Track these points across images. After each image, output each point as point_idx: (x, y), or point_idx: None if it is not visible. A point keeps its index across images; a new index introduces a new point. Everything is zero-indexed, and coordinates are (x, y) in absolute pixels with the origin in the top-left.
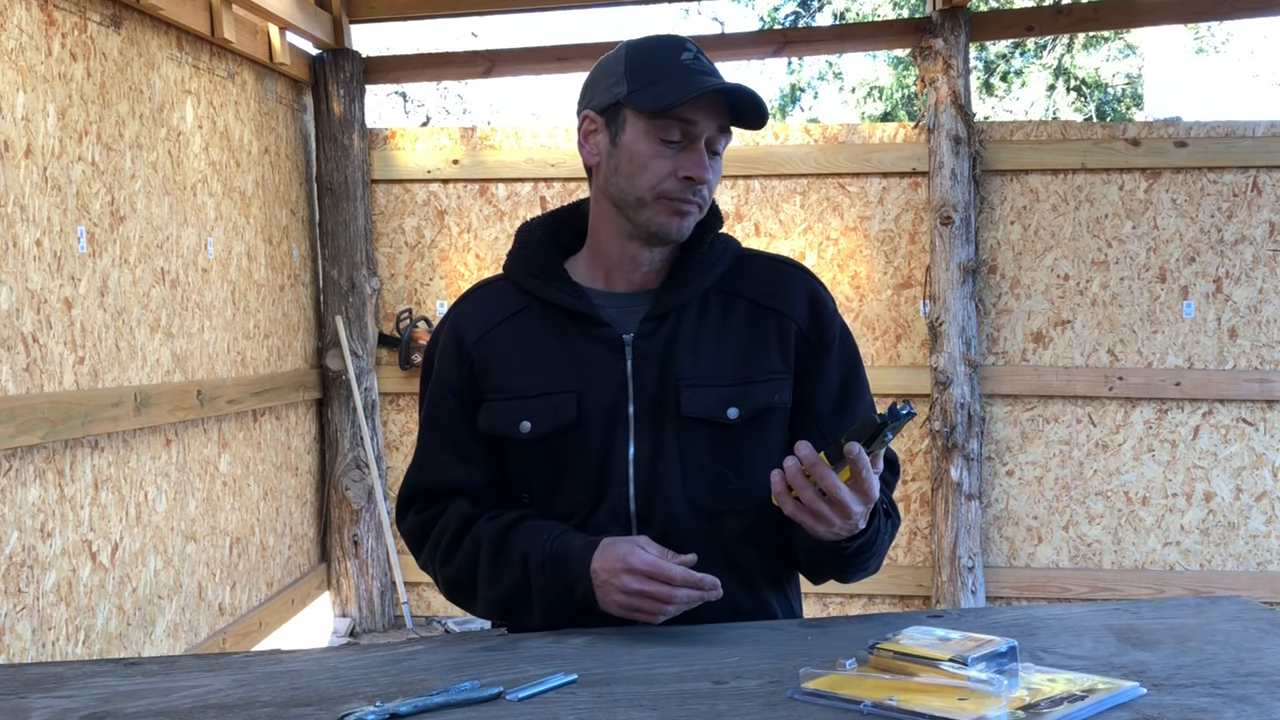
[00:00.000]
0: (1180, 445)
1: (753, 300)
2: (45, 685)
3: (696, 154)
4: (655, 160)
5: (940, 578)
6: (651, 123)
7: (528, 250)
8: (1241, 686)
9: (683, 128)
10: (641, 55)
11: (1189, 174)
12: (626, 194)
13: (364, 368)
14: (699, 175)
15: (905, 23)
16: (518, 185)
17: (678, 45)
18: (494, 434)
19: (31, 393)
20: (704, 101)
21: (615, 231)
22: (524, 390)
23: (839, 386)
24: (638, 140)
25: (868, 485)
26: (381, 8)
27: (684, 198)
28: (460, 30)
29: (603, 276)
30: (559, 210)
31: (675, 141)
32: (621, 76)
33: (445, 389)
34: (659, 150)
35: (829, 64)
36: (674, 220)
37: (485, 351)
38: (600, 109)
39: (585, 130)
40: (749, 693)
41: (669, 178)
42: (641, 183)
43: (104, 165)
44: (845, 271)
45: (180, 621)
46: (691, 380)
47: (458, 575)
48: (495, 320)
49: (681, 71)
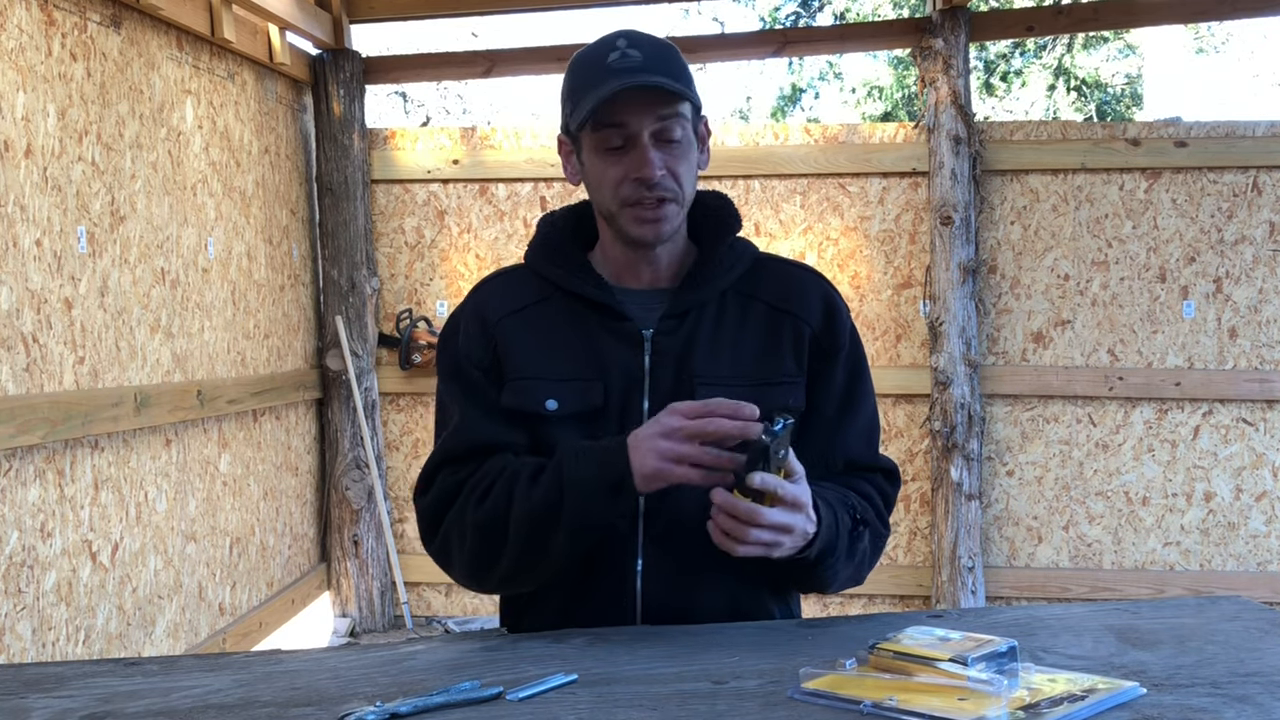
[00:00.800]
0: (1180, 445)
1: (769, 303)
2: (45, 685)
3: (638, 153)
4: (607, 171)
5: (940, 578)
6: (593, 136)
7: (551, 242)
8: (1241, 686)
9: (618, 132)
10: (575, 70)
11: (1189, 174)
12: (601, 208)
13: (364, 368)
14: (644, 174)
15: (905, 23)
16: (518, 185)
17: (606, 47)
18: (519, 410)
19: (31, 393)
20: (627, 98)
21: (612, 239)
22: (549, 373)
23: (843, 391)
24: (591, 156)
25: (791, 496)
26: (381, 8)
27: (641, 199)
28: (460, 30)
29: (616, 274)
30: (581, 204)
31: (619, 147)
32: (566, 96)
33: (472, 365)
34: (607, 160)
35: (829, 64)
36: (643, 227)
37: (508, 333)
38: (565, 131)
39: (564, 154)
40: (749, 693)
41: (624, 183)
42: (604, 196)
43: (104, 165)
44: (845, 271)
45: (180, 621)
46: (708, 379)
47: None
48: (518, 305)
49: (605, 77)
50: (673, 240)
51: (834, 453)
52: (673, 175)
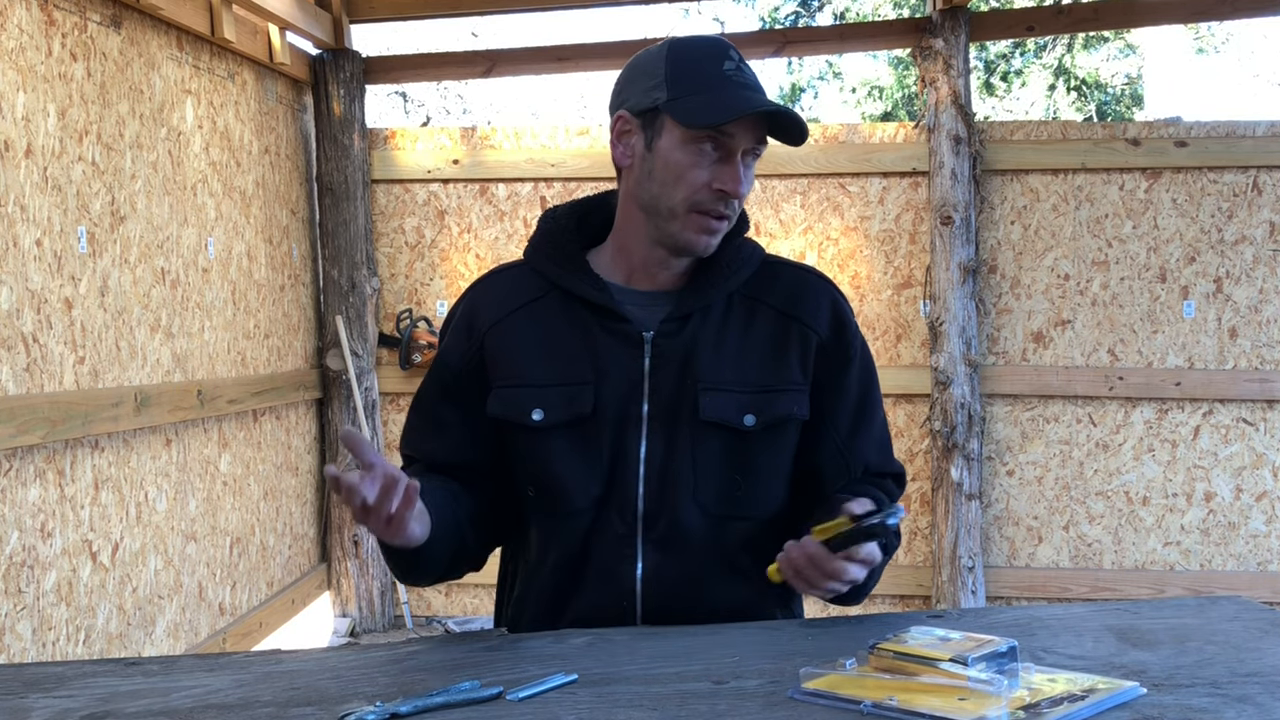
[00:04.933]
0: (1180, 445)
1: (776, 308)
2: (45, 685)
3: (733, 167)
4: (691, 171)
5: (940, 578)
6: (689, 133)
7: (551, 238)
8: (1241, 686)
9: (721, 140)
10: (684, 60)
11: (1189, 174)
12: (659, 201)
13: (364, 368)
14: (734, 189)
15: (905, 23)
16: (518, 185)
17: (721, 53)
18: (505, 420)
19: (32, 393)
20: (754, 118)
21: (642, 236)
22: (538, 379)
23: (856, 401)
24: (674, 149)
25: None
26: (381, 8)
27: (715, 211)
28: (460, 30)
29: (624, 274)
30: (585, 200)
31: (710, 152)
32: (662, 81)
33: (443, 368)
34: (695, 160)
35: (829, 64)
36: (703, 237)
37: (499, 338)
38: (636, 111)
39: (619, 130)
40: (749, 693)
41: (703, 189)
42: (676, 193)
43: (104, 165)
44: (845, 271)
45: (180, 621)
46: (711, 384)
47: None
48: (512, 306)
49: (724, 84)
50: None
51: (854, 462)
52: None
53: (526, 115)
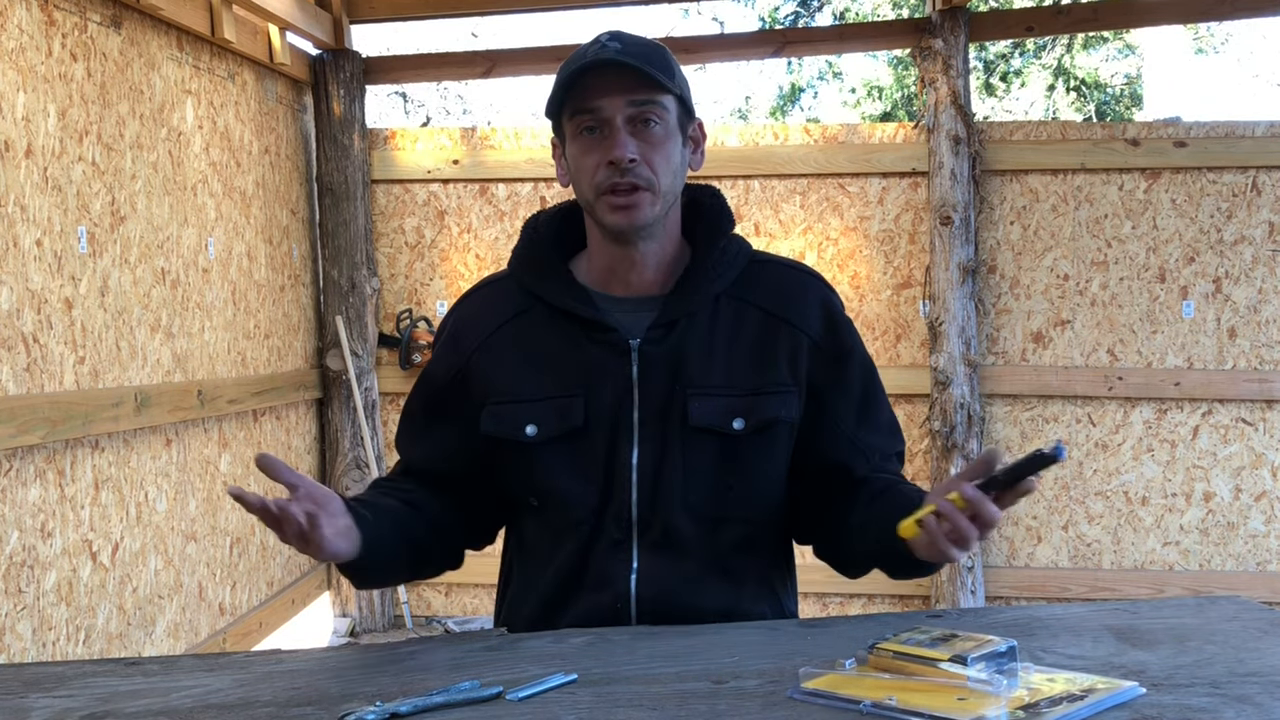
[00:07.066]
0: (1180, 445)
1: (764, 309)
2: (45, 685)
3: (611, 137)
4: (584, 158)
5: (940, 578)
6: (570, 123)
7: (532, 250)
8: (1241, 686)
9: (591, 116)
10: (561, 67)
11: (1189, 174)
12: (584, 200)
13: (364, 368)
14: (616, 156)
15: (905, 23)
16: (518, 185)
17: (590, 43)
18: (498, 437)
19: (32, 393)
20: (600, 84)
21: (600, 239)
22: (528, 394)
23: (860, 397)
24: (570, 147)
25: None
26: (381, 8)
27: (613, 185)
28: (460, 30)
29: (603, 279)
30: (569, 203)
31: (593, 129)
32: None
33: (429, 381)
34: (585, 148)
35: (829, 64)
36: (617, 215)
37: (487, 355)
38: (554, 130)
39: (556, 157)
40: (749, 693)
41: (598, 169)
42: (583, 185)
43: (104, 165)
44: (845, 271)
45: (180, 621)
46: (699, 389)
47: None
48: (499, 322)
49: (570, 67)
50: (658, 241)
51: (870, 452)
52: (648, 164)
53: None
